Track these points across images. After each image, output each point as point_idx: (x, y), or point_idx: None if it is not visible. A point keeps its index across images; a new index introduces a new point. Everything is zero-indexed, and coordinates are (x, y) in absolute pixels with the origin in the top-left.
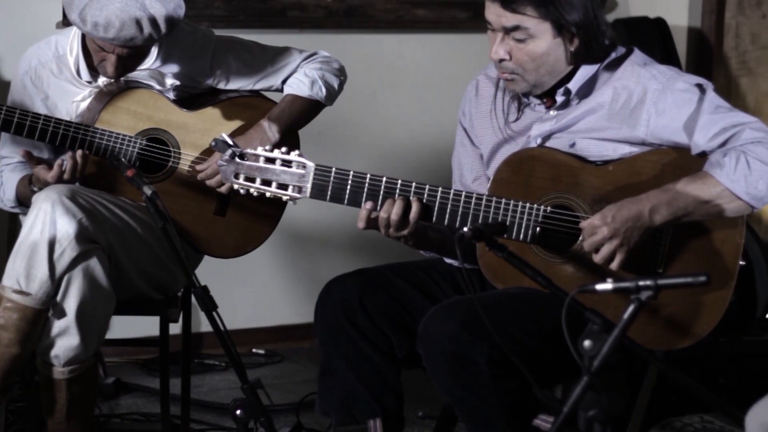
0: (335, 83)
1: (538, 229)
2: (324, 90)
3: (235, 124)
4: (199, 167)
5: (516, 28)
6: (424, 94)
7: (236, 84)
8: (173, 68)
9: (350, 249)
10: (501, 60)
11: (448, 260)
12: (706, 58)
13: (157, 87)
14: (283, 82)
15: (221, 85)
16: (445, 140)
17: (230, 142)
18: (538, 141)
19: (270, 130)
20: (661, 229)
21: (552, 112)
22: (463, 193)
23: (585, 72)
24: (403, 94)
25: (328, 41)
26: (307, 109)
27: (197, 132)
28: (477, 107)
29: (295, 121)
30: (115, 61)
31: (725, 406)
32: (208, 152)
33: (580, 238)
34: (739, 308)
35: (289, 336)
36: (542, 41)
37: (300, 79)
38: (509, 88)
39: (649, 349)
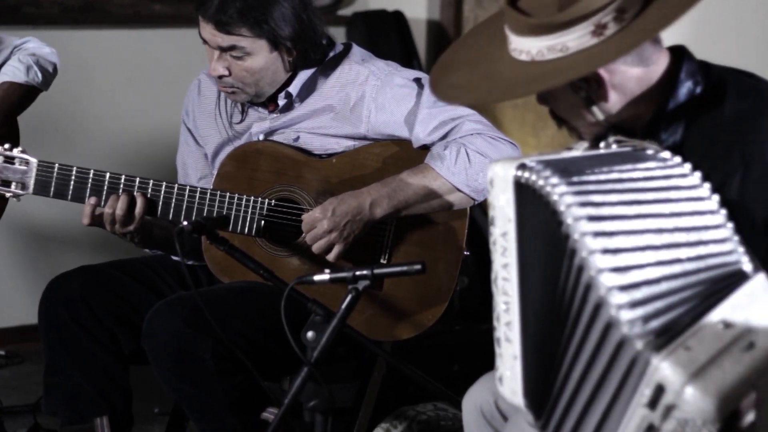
0: (50, 68)
1: (262, 222)
2: (40, 75)
3: None
4: None
5: (232, 47)
6: (163, 89)
7: None
8: None
9: (89, 246)
10: (220, 76)
11: (175, 257)
12: (444, 50)
13: None
14: None
15: None
16: None
17: None
18: (261, 137)
19: None
20: (385, 221)
21: (274, 115)
22: (188, 188)
23: (304, 75)
24: (141, 89)
25: (64, 38)
26: (25, 95)
27: None
28: (200, 107)
29: (15, 107)
30: None
31: (447, 392)
32: None
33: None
34: (481, 296)
35: (30, 336)
36: (259, 57)
37: (15, 66)
38: (231, 99)
39: (376, 340)
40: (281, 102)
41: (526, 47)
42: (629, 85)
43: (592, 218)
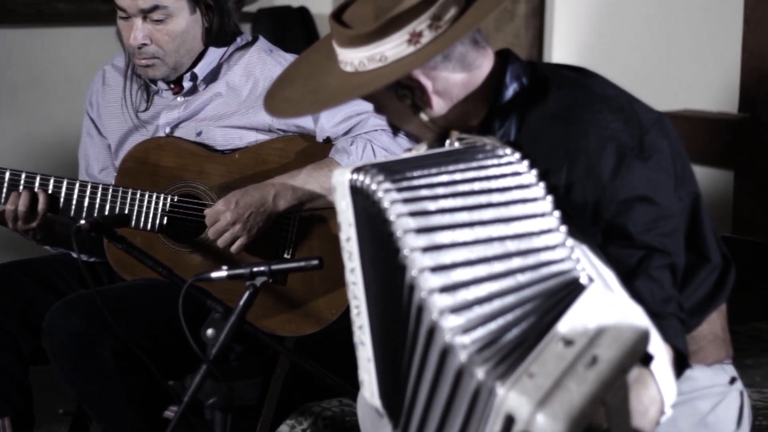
0: None
1: (165, 218)
2: None
3: None
4: None
5: (154, 8)
6: (66, 88)
7: None
8: None
9: None
10: (141, 45)
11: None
12: None
13: None
14: None
15: None
16: None
17: None
18: (167, 130)
19: None
20: (289, 216)
21: (179, 99)
22: (89, 184)
23: (212, 57)
24: (45, 88)
25: None
26: None
27: None
28: (104, 97)
29: None
30: None
31: (348, 388)
32: None
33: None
34: None
35: None
36: (181, 19)
37: None
38: (148, 75)
39: (279, 336)
40: (186, 84)
41: (349, 58)
42: (454, 91)
43: (422, 230)
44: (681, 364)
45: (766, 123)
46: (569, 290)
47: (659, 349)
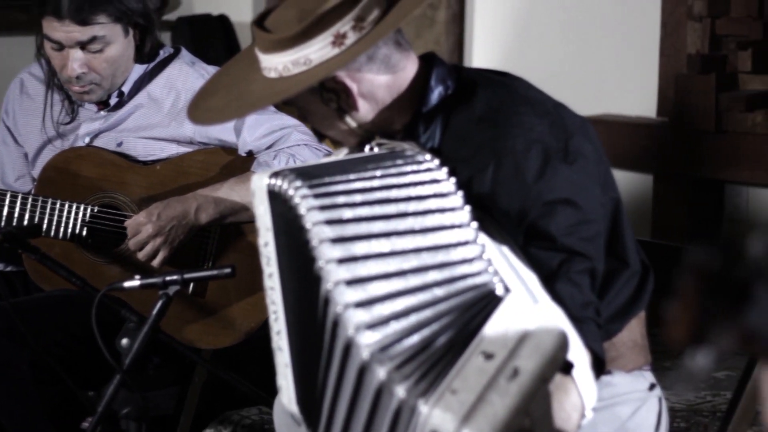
0: None
1: (84, 229)
2: None
3: None
4: None
5: (92, 39)
6: None
7: None
8: None
9: None
10: (80, 76)
11: None
12: None
13: None
14: None
15: None
16: None
17: None
18: (86, 140)
19: None
20: (209, 229)
21: (102, 112)
22: (9, 193)
23: (136, 72)
24: None
25: None
26: None
27: None
28: (22, 105)
29: None
30: None
31: (264, 396)
32: None
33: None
34: None
35: None
36: (117, 44)
37: None
38: (84, 100)
39: (196, 347)
40: (113, 101)
41: (273, 64)
42: (379, 93)
43: (338, 240)
44: (599, 368)
45: (684, 127)
46: (486, 302)
47: (580, 353)
